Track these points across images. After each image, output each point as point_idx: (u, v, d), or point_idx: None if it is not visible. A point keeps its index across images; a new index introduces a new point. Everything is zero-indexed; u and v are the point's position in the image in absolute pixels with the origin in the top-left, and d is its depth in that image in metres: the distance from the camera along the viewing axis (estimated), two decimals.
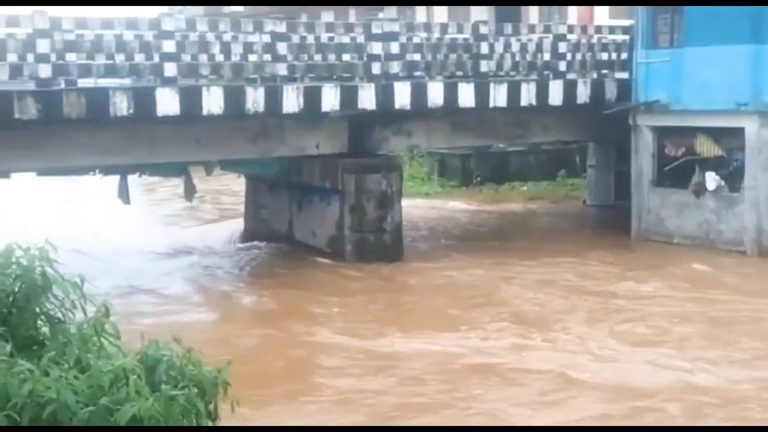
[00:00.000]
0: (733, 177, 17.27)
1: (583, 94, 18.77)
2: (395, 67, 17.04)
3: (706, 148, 17.69)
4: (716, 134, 17.53)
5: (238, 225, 20.08)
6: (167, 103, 14.78)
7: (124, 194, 17.82)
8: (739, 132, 16.96)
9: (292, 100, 15.82)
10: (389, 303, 14.12)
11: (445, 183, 26.53)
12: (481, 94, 17.60)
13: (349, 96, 16.40)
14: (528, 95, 18.11)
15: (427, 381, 10.37)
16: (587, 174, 23.38)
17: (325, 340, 12.05)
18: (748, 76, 16.59)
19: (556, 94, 18.40)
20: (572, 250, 17.23)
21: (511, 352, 11.41)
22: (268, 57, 16.23)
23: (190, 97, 15.04)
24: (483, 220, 21.53)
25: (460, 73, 18.15)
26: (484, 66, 18.16)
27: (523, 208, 23.12)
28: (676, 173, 18.07)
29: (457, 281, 15.15)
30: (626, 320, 12.72)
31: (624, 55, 19.58)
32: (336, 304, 13.87)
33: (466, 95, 17.48)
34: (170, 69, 15.11)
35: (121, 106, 14.42)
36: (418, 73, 17.71)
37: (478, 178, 26.21)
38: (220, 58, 16.10)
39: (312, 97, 16.01)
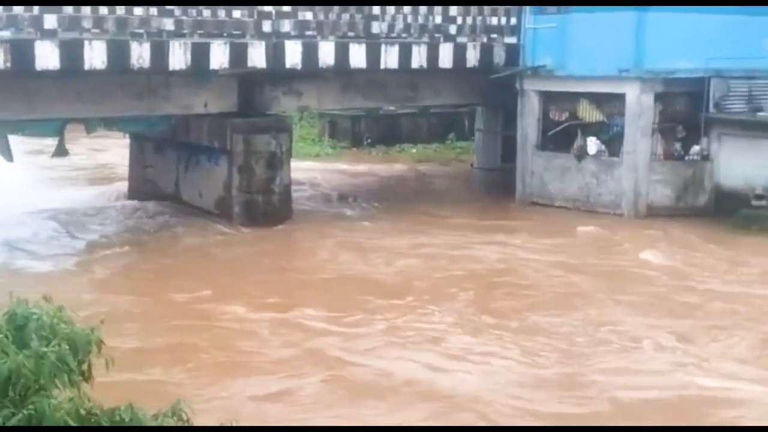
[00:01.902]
0: (613, 142, 17.85)
1: (472, 58, 18.98)
2: (287, 26, 16.85)
3: (588, 113, 18.20)
4: (599, 100, 18.04)
5: (124, 186, 19.57)
6: (47, 56, 14.21)
7: (5, 152, 17.06)
8: (621, 98, 17.50)
9: (179, 57, 15.44)
10: (268, 267, 13.97)
11: (336, 144, 26.49)
12: (373, 55, 17.58)
13: (238, 54, 16.12)
14: (419, 58, 18.20)
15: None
16: (475, 137, 23.74)
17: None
18: (630, 43, 17.09)
19: (446, 58, 18.55)
20: (456, 211, 17.53)
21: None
22: (154, 11, 15.78)
23: (71, 51, 14.50)
24: (373, 182, 21.62)
25: (352, 34, 18.09)
26: (376, 27, 18.16)
27: (413, 170, 23.31)
28: (560, 138, 18.55)
29: (343, 242, 15.16)
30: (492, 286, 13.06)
31: (513, 20, 19.85)
32: (207, 267, 13.68)
33: (358, 56, 17.44)
34: (50, 21, 14.55)
35: None
36: (309, 33, 17.55)
37: (369, 140, 26.28)
38: (103, 11, 15.56)
39: (200, 53, 15.67)
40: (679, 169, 17.48)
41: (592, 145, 18.00)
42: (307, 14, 17.49)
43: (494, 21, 19.86)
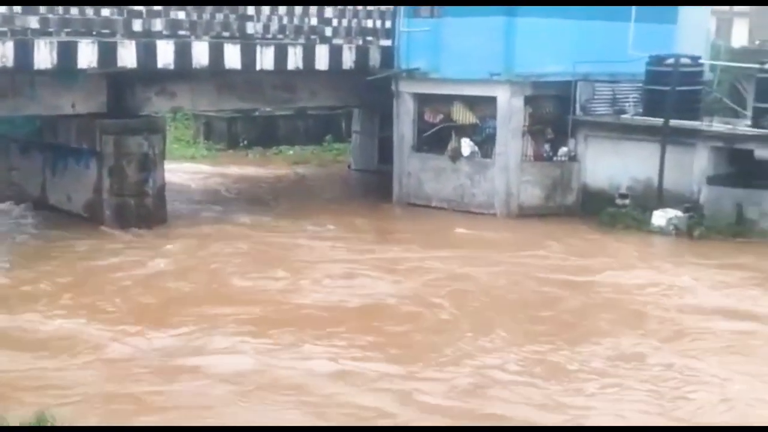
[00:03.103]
0: (486, 143, 18.27)
1: (348, 60, 19.05)
2: (158, 25, 16.48)
3: (462, 115, 18.56)
4: (472, 102, 18.43)
5: None
6: None
7: None
8: (492, 100, 17.92)
9: (44, 56, 14.86)
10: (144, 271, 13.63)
11: (212, 146, 26.11)
12: (248, 56, 17.40)
13: (107, 53, 15.66)
14: (295, 59, 18.14)
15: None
16: (352, 139, 23.86)
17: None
18: (500, 48, 17.52)
19: (322, 59, 18.56)
20: (334, 213, 17.56)
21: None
22: (17, 9, 15.15)
23: None
24: (249, 185, 21.41)
25: (226, 34, 17.85)
26: (251, 28, 17.97)
27: (290, 172, 23.23)
28: (435, 139, 18.86)
29: (217, 246, 14.92)
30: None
31: (388, 24, 20.03)
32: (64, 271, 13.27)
33: (233, 56, 17.21)
34: None
35: None
36: (182, 32, 17.22)
37: (245, 142, 26.02)
38: None
39: (67, 52, 15.12)
40: (548, 169, 18.05)
41: (466, 146, 18.38)
42: (179, 13, 17.15)
43: (369, 24, 20.01)
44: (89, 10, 16.04)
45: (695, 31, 19.43)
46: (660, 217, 16.18)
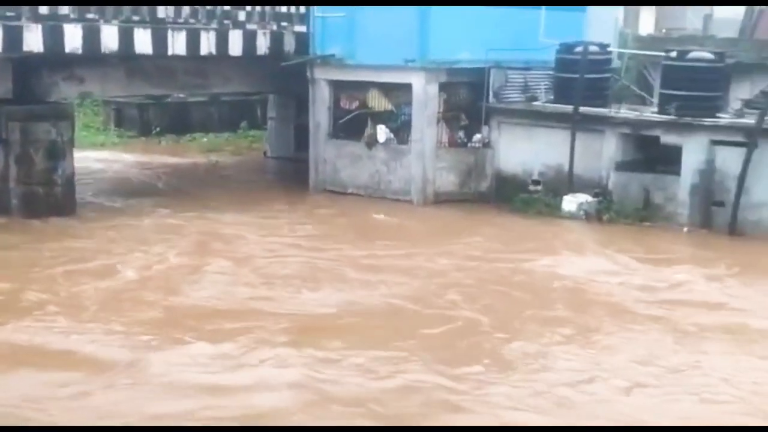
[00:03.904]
0: (402, 130, 18.36)
1: (263, 45, 18.87)
2: (65, 9, 16.02)
3: (377, 102, 18.60)
4: (387, 89, 18.47)
5: None
6: None
7: None
8: (407, 87, 18.00)
9: None
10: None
11: (123, 133, 25.57)
12: (159, 40, 17.07)
13: (12, 37, 15.16)
14: (208, 44, 17.87)
15: None
16: (268, 126, 23.67)
17: None
18: (415, 34, 17.59)
19: (236, 45, 18.33)
20: (249, 201, 17.41)
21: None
22: None
23: None
24: (162, 173, 21.04)
25: (136, 18, 17.44)
26: (162, 11, 17.60)
27: (205, 159, 22.92)
28: (351, 126, 18.86)
29: (128, 235, 14.63)
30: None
31: (303, 8, 19.90)
32: None
33: (143, 41, 16.86)
34: None
35: None
36: (90, 16, 16.76)
37: (158, 129, 25.56)
38: None
39: None
40: (463, 156, 18.25)
41: (382, 133, 18.43)
42: None
43: (284, 8, 19.85)
44: None
45: (604, 19, 19.85)
46: (570, 203, 16.54)
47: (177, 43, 17.34)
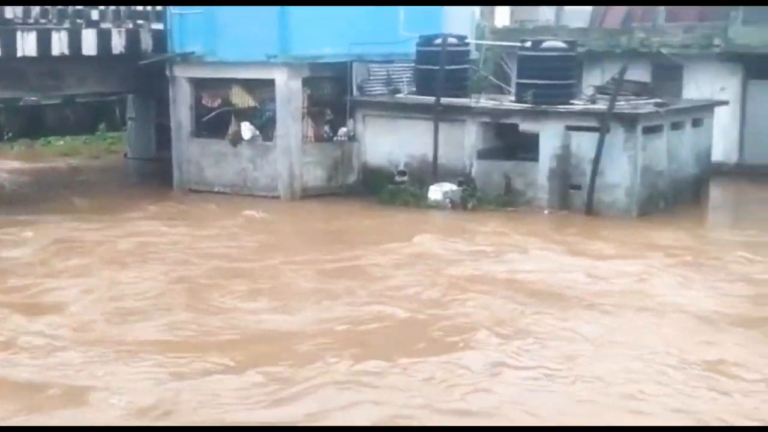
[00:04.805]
0: (267, 126, 18.24)
1: (118, 44, 18.38)
2: None
3: (241, 98, 18.41)
4: (250, 85, 18.31)
5: None
6: None
7: None
8: (271, 83, 17.89)
9: None
10: None
11: None
12: (8, 42, 16.41)
13: None
14: (60, 44, 17.30)
15: None
16: (128, 126, 23.04)
17: None
18: (276, 30, 17.49)
19: (90, 44, 17.80)
20: (110, 205, 16.88)
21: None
22: None
23: None
24: (17, 180, 20.15)
25: None
26: (9, 12, 16.92)
27: (63, 164, 22.11)
28: (214, 124, 18.60)
29: None
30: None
31: (159, 6, 19.50)
32: None
33: None
34: None
35: None
36: None
37: (10, 134, 24.44)
38: None
39: None
40: (329, 150, 18.29)
41: (246, 130, 18.25)
42: None
43: (139, 7, 19.41)
44: None
45: (460, 12, 20.30)
46: (436, 192, 16.86)
47: (27, 44, 16.72)
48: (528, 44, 17.38)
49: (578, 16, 23.66)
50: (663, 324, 10.36)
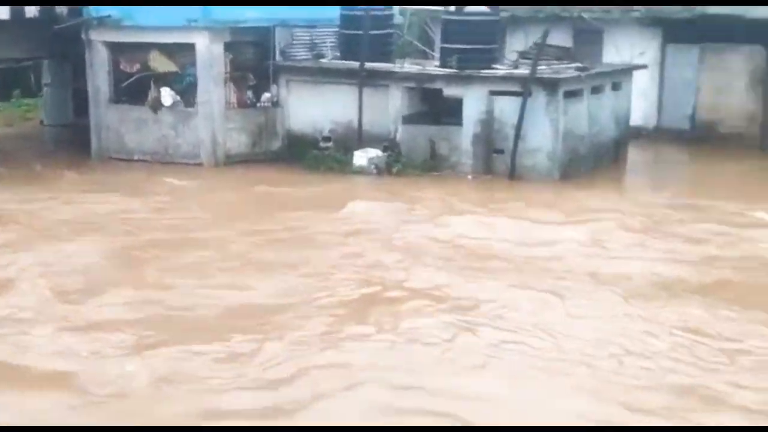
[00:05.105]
0: (188, 92, 17.89)
1: (32, 8, 17.73)
2: None
3: (160, 63, 18.00)
4: (170, 50, 17.91)
5: None
6: None
7: None
8: (191, 48, 17.53)
9: None
10: None
11: None
12: None
13: None
14: None
15: None
16: (43, 93, 22.38)
17: None
18: None
19: (1, 8, 17.12)
20: (30, 175, 16.40)
21: None
22: None
23: None
24: None
25: None
26: None
27: None
28: (134, 89, 18.17)
29: None
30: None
31: None
32: None
33: None
34: None
35: None
36: None
37: None
38: None
39: None
40: (253, 116, 18.06)
41: (167, 96, 17.88)
42: None
43: None
44: None
45: None
46: (361, 157, 16.81)
47: None
48: (451, 9, 17.37)
49: None
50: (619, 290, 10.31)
